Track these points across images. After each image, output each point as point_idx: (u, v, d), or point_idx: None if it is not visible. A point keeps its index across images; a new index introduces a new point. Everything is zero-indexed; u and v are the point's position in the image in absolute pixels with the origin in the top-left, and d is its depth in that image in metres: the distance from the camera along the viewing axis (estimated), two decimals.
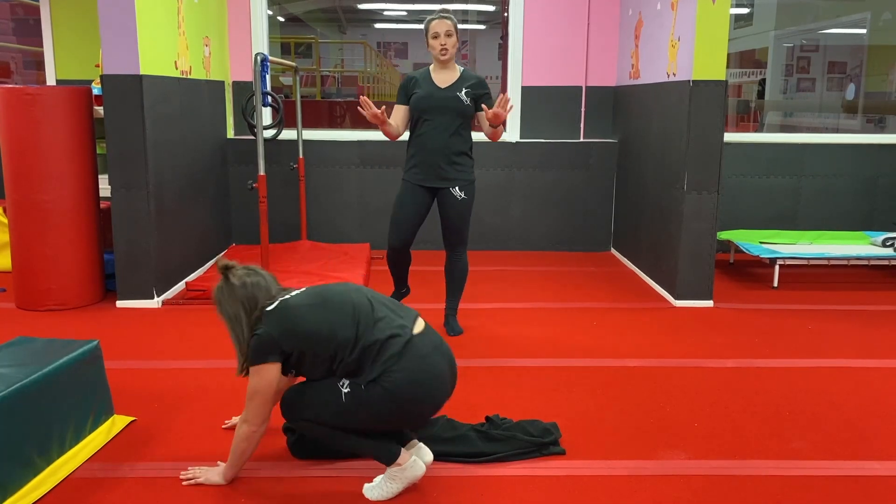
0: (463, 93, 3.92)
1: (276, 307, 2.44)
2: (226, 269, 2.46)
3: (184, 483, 2.55)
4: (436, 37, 3.91)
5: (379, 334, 2.41)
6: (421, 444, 2.60)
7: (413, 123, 4.01)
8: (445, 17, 3.92)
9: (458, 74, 3.99)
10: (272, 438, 2.84)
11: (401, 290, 4.32)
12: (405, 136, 4.10)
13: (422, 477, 2.50)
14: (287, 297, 2.48)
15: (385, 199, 4.08)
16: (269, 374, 2.41)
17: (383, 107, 3.77)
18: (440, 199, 4.01)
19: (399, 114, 4.02)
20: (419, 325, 2.52)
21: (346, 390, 2.41)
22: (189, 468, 2.61)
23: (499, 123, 3.80)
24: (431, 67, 4.03)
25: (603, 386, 3.45)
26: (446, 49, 3.91)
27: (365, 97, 3.75)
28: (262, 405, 2.44)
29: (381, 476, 2.51)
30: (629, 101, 5.83)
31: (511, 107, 3.77)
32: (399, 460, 2.47)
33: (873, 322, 4.46)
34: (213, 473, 2.57)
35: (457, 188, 3.98)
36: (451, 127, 3.92)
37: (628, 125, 5.88)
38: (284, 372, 2.45)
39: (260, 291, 2.45)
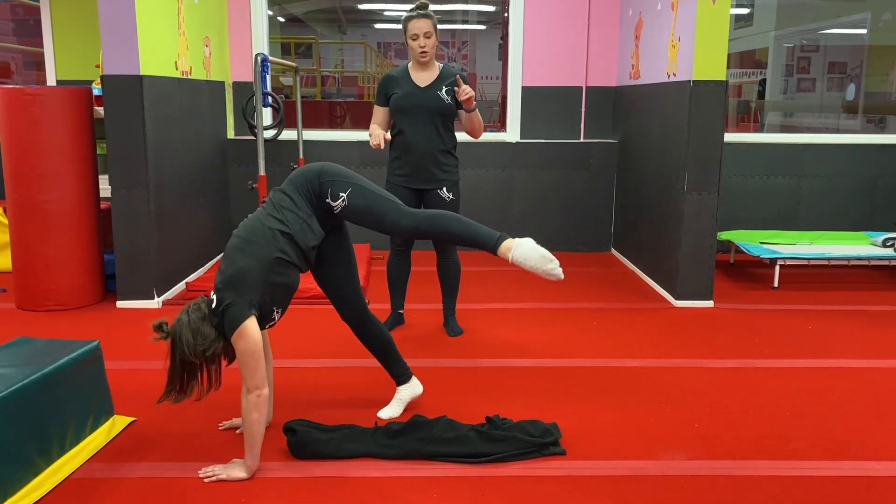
0: (443, 91, 3.86)
1: (219, 292, 2.55)
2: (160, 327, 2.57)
3: (206, 481, 2.56)
4: (415, 38, 3.82)
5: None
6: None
7: (394, 124, 3.96)
8: (424, 16, 3.82)
9: (437, 72, 3.91)
10: (273, 438, 2.84)
11: (398, 309, 4.26)
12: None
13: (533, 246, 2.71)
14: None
15: None
16: (250, 330, 2.50)
17: (386, 136, 3.85)
18: (427, 202, 3.97)
19: (380, 116, 3.97)
20: None
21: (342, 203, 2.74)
22: (207, 467, 2.61)
23: (472, 106, 3.82)
24: (410, 65, 3.95)
25: (603, 386, 3.45)
26: (426, 51, 3.83)
27: (380, 143, 3.79)
28: (255, 366, 2.52)
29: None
30: (629, 102, 5.83)
31: (466, 88, 3.74)
32: (507, 244, 2.72)
33: (873, 322, 4.46)
34: (233, 468, 2.58)
35: (444, 189, 3.95)
36: (433, 127, 3.87)
37: (628, 125, 5.88)
38: (264, 324, 2.62)
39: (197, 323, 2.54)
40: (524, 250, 2.70)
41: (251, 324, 2.51)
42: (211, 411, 3.08)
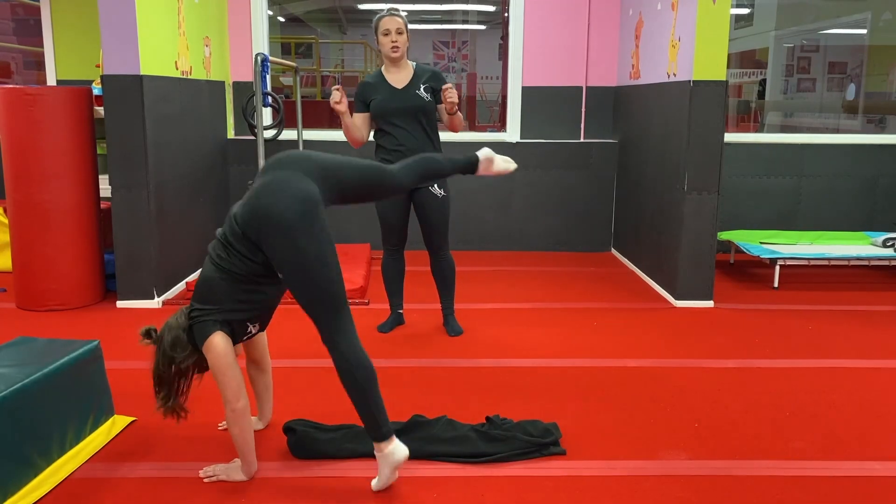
0: (421, 89, 3.90)
1: (192, 300, 2.57)
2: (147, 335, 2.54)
3: (205, 481, 2.56)
4: (386, 34, 3.87)
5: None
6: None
7: (378, 128, 3.97)
8: (395, 15, 3.88)
9: (411, 71, 3.95)
10: (272, 438, 2.84)
11: (397, 309, 4.27)
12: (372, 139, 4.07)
13: (404, 461, 2.49)
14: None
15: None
16: (216, 346, 2.46)
17: (345, 101, 3.76)
18: (419, 201, 3.97)
19: (359, 121, 3.97)
20: None
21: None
22: (208, 467, 2.61)
23: (454, 110, 3.84)
24: (383, 68, 3.99)
25: (603, 386, 3.45)
26: (397, 47, 3.87)
27: (339, 89, 3.70)
28: (228, 378, 2.47)
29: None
30: (629, 102, 5.83)
31: (451, 91, 3.75)
32: (380, 445, 2.48)
33: (873, 322, 4.46)
34: (233, 470, 2.58)
35: (435, 185, 3.96)
36: (417, 126, 3.90)
37: (628, 125, 5.88)
38: (238, 339, 2.55)
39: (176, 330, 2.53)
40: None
41: (217, 339, 2.46)
42: (211, 411, 3.08)
